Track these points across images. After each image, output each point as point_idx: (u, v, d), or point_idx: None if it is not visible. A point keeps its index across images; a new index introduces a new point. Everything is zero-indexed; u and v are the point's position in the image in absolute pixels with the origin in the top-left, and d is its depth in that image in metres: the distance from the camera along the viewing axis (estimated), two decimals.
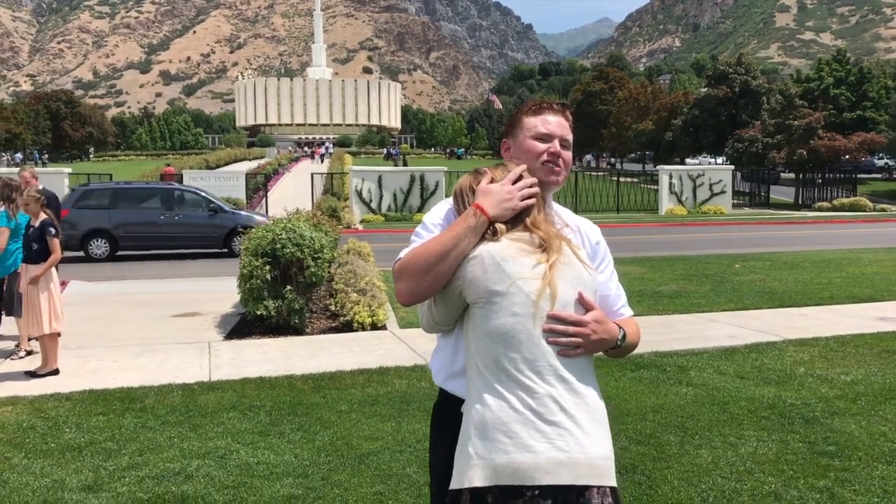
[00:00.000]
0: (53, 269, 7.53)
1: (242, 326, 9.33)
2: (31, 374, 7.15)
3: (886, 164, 66.18)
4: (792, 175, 48.87)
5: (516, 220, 2.13)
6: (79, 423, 5.61)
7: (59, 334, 7.51)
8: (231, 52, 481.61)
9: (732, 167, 42.14)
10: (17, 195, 8.14)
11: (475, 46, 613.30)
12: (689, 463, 4.69)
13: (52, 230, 7.46)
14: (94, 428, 5.51)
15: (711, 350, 7.84)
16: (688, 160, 68.17)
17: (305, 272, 9.10)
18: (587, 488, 1.99)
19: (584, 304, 2.10)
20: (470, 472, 2.02)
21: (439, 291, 2.14)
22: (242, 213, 20.95)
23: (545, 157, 2.28)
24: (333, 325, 9.39)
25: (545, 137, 2.29)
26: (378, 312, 9.26)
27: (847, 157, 45.78)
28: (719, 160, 63.68)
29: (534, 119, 2.33)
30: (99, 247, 18.85)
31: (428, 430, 5.28)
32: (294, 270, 9.09)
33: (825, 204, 40.83)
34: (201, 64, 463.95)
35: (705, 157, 72.20)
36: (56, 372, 7.23)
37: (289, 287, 8.93)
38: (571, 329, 2.05)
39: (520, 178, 2.19)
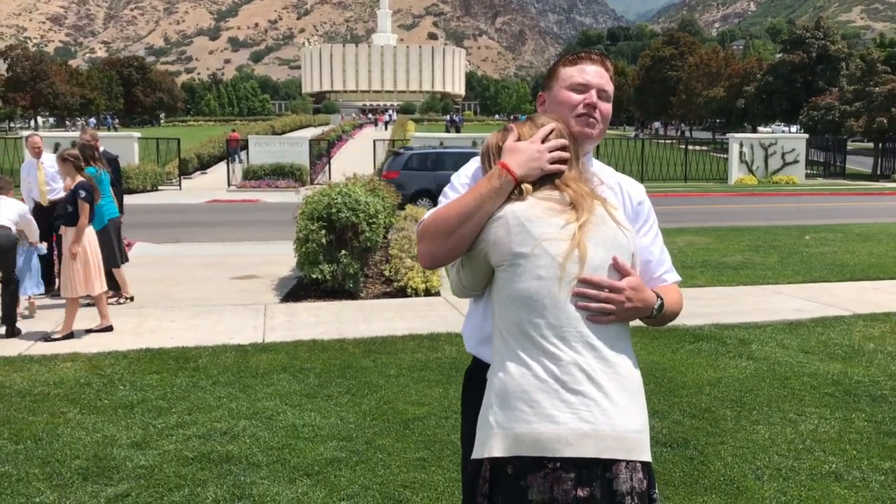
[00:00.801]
0: (91, 232, 7.45)
1: (298, 290, 9.38)
2: (47, 338, 7.08)
3: None
4: (870, 144, 46.94)
5: (544, 179, 2.00)
6: (133, 381, 5.70)
7: (100, 294, 7.44)
8: (298, 18, 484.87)
9: (807, 136, 40.63)
10: (98, 153, 8.63)
11: (542, 11, 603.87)
12: (745, 439, 4.51)
13: (83, 192, 7.28)
14: (147, 386, 5.60)
15: (775, 323, 7.55)
16: (760, 128, 66.12)
17: (360, 237, 9.08)
18: (614, 462, 1.87)
19: (618, 269, 1.95)
20: (490, 442, 1.92)
21: (465, 254, 2.02)
22: None
23: (581, 108, 2.13)
24: (387, 290, 9.37)
25: (581, 87, 2.14)
26: (432, 279, 9.20)
27: None
28: (793, 129, 61.58)
29: (570, 69, 2.18)
30: (425, 205, 20.22)
31: None
32: (349, 235, 9.07)
33: None
34: (269, 30, 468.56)
35: (778, 125, 69.96)
36: (71, 335, 7.13)
37: (343, 251, 8.93)
38: (603, 295, 1.91)
39: (551, 134, 2.05)
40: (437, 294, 9.11)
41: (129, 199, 23.46)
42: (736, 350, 6.54)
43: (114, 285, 8.86)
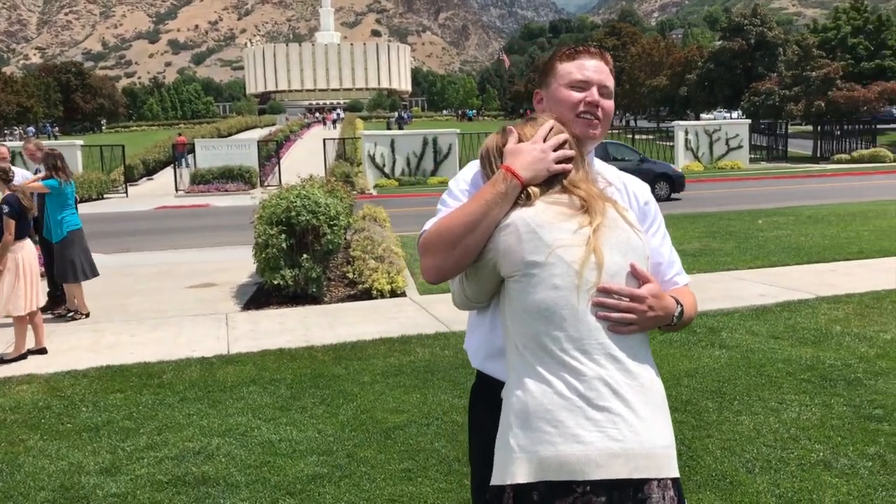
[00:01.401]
0: (27, 247, 7.02)
1: (259, 296, 9.16)
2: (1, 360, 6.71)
3: None
4: (809, 128, 48.04)
5: (552, 181, 1.89)
6: (95, 402, 5.46)
7: (31, 316, 6.97)
8: (238, 18, 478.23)
9: (749, 121, 41.37)
10: (61, 163, 8.40)
11: (484, 6, 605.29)
12: (731, 431, 4.48)
13: (6, 208, 6.87)
14: (112, 406, 5.37)
15: (742, 310, 7.60)
16: (703, 115, 67.17)
17: (322, 240, 8.90)
18: (645, 482, 1.76)
19: (637, 276, 1.85)
20: (512, 467, 1.80)
21: (471, 266, 1.91)
22: (661, 162, 24.96)
23: (582, 107, 2.01)
24: (352, 292, 9.20)
25: (581, 85, 2.02)
26: (397, 279, 9.06)
27: (865, 107, 44.81)
28: (735, 114, 62.69)
29: (568, 65, 2.06)
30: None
31: (456, 400, 5.11)
32: (310, 238, 8.88)
33: (844, 156, 40.06)
34: (209, 32, 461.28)
35: (721, 111, 71.15)
36: (25, 356, 6.78)
37: (305, 255, 8.74)
38: (624, 304, 1.80)
39: (551, 132, 1.94)
40: (403, 295, 8.97)
41: None
42: (707, 339, 6.55)
43: (61, 300, 8.61)
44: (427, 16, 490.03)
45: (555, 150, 1.90)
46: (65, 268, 8.31)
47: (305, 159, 37.48)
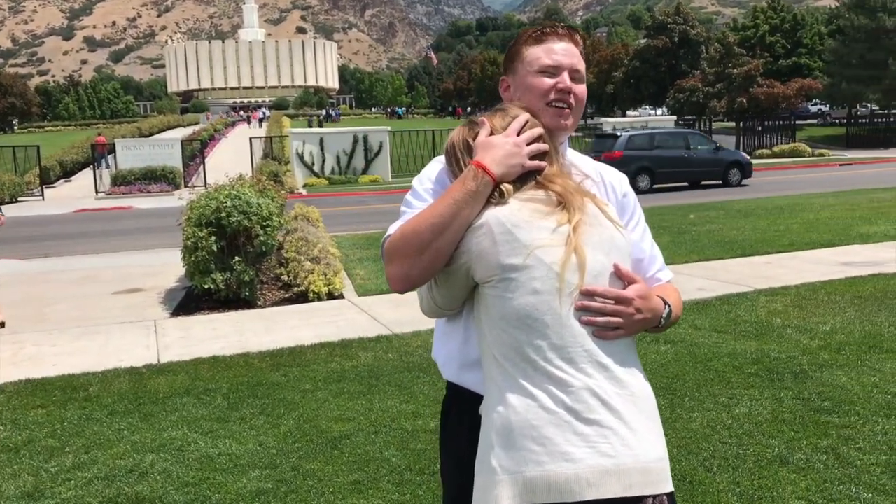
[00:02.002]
0: None
1: (189, 301, 8.79)
2: None
3: (820, 109, 67.38)
4: (731, 124, 49.36)
5: (525, 177, 1.73)
6: (14, 419, 5.08)
7: None
8: (158, 15, 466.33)
9: (674, 118, 42.31)
10: None
11: (411, 3, 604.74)
12: (684, 429, 4.41)
13: None
14: (33, 423, 5.00)
15: (683, 304, 7.59)
16: (629, 112, 68.42)
17: (254, 241, 8.59)
18: (640, 499, 1.63)
19: (622, 276, 1.71)
20: (496, 491, 1.63)
21: (441, 271, 1.74)
22: (734, 150, 25.53)
23: (553, 94, 1.85)
24: (287, 296, 8.91)
25: (551, 70, 1.86)
26: (334, 281, 8.81)
27: (785, 104, 46.30)
28: (660, 111, 64.04)
29: (536, 49, 1.89)
30: (643, 180, 22.16)
31: (403, 406, 4.92)
32: (242, 240, 8.57)
33: (766, 151, 41.28)
34: (128, 29, 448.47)
35: (646, 108, 72.59)
36: None
37: (237, 258, 8.41)
38: (610, 307, 1.66)
39: (525, 126, 1.78)
40: (341, 297, 8.73)
41: None
42: (651, 334, 6.49)
43: None
44: (353, 13, 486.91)
45: (528, 145, 1.74)
46: None
47: (231, 159, 36.66)
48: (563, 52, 1.89)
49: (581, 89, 1.90)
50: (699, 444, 4.19)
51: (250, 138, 35.78)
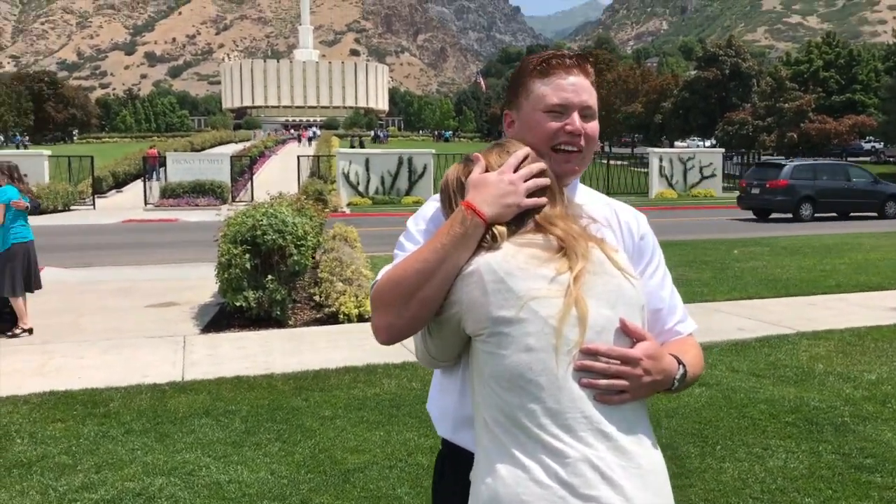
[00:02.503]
0: None
1: (221, 318, 8.77)
2: None
3: (874, 147, 65.88)
4: (781, 158, 48.51)
5: (523, 219, 1.58)
6: (32, 433, 5.06)
7: None
8: (217, 33, 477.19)
9: (723, 150, 41.67)
10: (17, 173, 8.44)
11: (463, 29, 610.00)
12: (714, 480, 4.19)
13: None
14: (50, 438, 4.96)
15: (721, 344, 7.35)
16: (677, 143, 67.73)
17: (288, 260, 8.55)
18: None
19: (629, 332, 1.54)
20: None
21: (433, 319, 1.59)
22: (892, 184, 25.35)
23: (561, 137, 1.68)
24: (318, 316, 8.84)
25: (559, 110, 1.69)
26: (365, 303, 8.70)
27: (837, 140, 45.39)
28: (708, 143, 63.27)
29: (542, 85, 1.71)
30: (806, 209, 22.92)
31: (422, 440, 4.76)
32: (276, 259, 8.53)
33: None
34: (187, 45, 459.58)
35: (694, 139, 71.81)
36: None
37: (270, 276, 8.37)
38: (613, 368, 1.49)
39: (524, 162, 1.63)
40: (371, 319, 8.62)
41: (38, 220, 22.22)
42: None
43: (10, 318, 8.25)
44: (406, 37, 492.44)
45: (527, 181, 1.59)
46: (2, 279, 8.05)
47: (279, 176, 37.02)
48: (572, 88, 1.71)
49: (593, 127, 1.73)
50: (729, 498, 3.97)
51: (298, 156, 36.14)
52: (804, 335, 7.71)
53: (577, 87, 1.72)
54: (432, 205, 1.76)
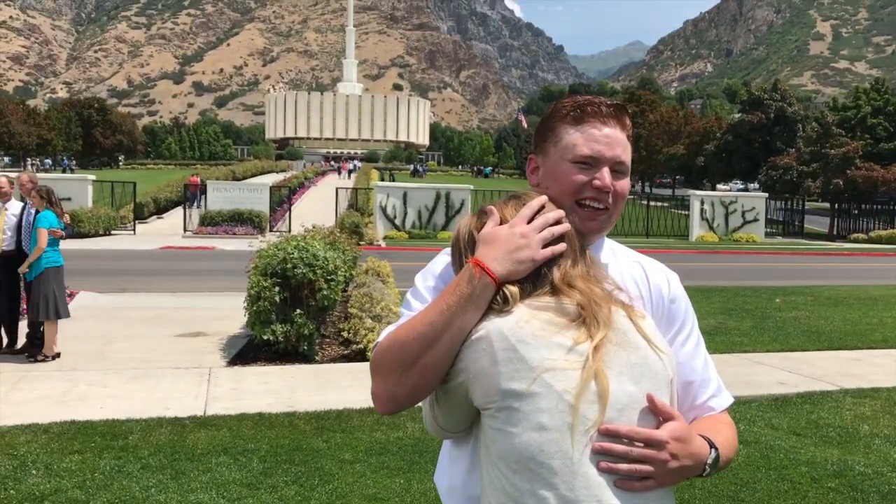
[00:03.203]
0: None
1: (248, 351, 8.69)
2: None
3: None
4: (825, 205, 47.70)
5: (539, 279, 1.42)
6: (49, 464, 4.97)
7: None
8: (264, 65, 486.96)
9: (766, 195, 41.09)
10: (54, 197, 8.54)
11: (506, 66, 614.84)
12: None
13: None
14: (65, 471, 4.87)
15: (760, 399, 7.06)
16: (719, 186, 67.04)
17: (317, 295, 8.46)
18: None
19: (656, 411, 1.37)
20: None
21: (440, 386, 1.44)
22: None
23: (587, 192, 1.54)
24: (345, 352, 8.71)
25: (589, 162, 1.54)
26: None
27: (884, 188, 44.48)
28: (751, 187, 62.53)
29: (573, 132, 1.57)
30: None
31: None
32: (305, 293, 8.45)
33: (861, 235, 39.66)
34: (234, 76, 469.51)
35: (737, 183, 71.02)
36: None
37: (298, 311, 8.28)
38: (636, 451, 1.33)
39: (540, 212, 1.48)
40: None
41: (79, 244, 22.57)
42: None
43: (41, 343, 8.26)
44: (449, 73, 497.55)
45: (542, 231, 1.44)
46: (37, 303, 8.06)
47: (318, 207, 37.32)
48: (605, 140, 1.56)
49: (623, 185, 1.58)
50: None
51: (336, 188, 36.41)
52: (849, 392, 7.39)
53: (612, 139, 1.57)
54: (443, 259, 1.61)
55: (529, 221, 1.45)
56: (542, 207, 1.48)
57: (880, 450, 5.64)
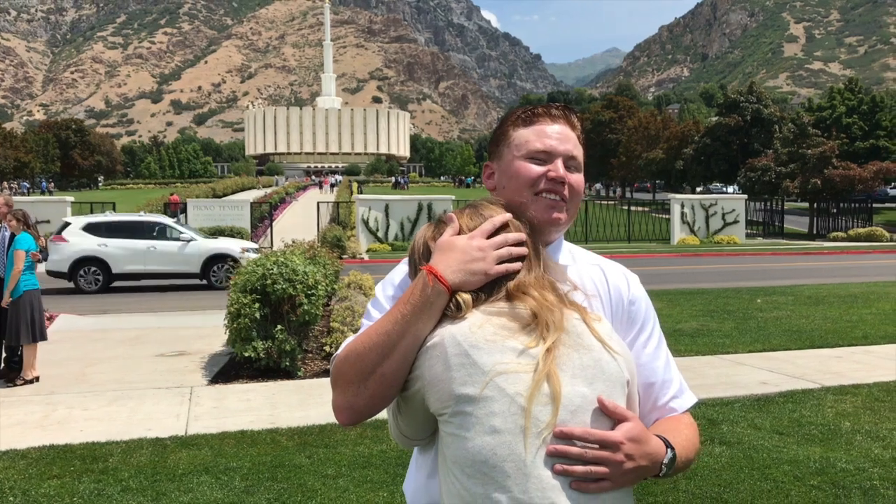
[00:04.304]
0: None
1: (230, 369, 8.62)
2: None
3: None
4: (804, 204, 48.11)
5: (493, 286, 1.42)
6: (26, 490, 4.90)
7: None
8: (242, 81, 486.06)
9: (745, 196, 41.40)
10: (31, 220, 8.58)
11: (484, 76, 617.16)
12: None
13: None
14: (43, 496, 4.80)
15: (743, 399, 7.09)
16: (699, 189, 67.47)
17: (298, 310, 8.42)
18: None
19: (609, 413, 1.36)
20: None
21: (400, 394, 1.44)
22: None
23: (542, 184, 1.56)
24: (328, 367, 8.63)
25: (542, 156, 1.58)
26: None
27: (861, 186, 44.91)
28: (730, 189, 62.99)
29: (525, 131, 1.61)
30: None
31: None
32: (286, 308, 8.41)
33: (840, 234, 40.02)
34: (212, 94, 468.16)
35: (717, 185, 71.49)
36: None
37: (279, 326, 8.24)
38: (591, 453, 1.31)
39: (503, 230, 1.48)
40: None
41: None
42: (706, 433, 6.02)
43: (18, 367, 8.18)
44: (428, 85, 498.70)
45: (499, 249, 1.44)
46: (17, 327, 7.99)
47: (300, 222, 37.24)
48: (557, 136, 1.60)
49: (577, 179, 1.60)
50: None
51: (318, 203, 36.34)
52: (830, 390, 7.43)
53: (563, 135, 1.61)
54: (402, 268, 1.62)
55: (490, 236, 1.45)
56: (506, 226, 1.48)
57: (861, 446, 5.67)
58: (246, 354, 8.17)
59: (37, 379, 8.09)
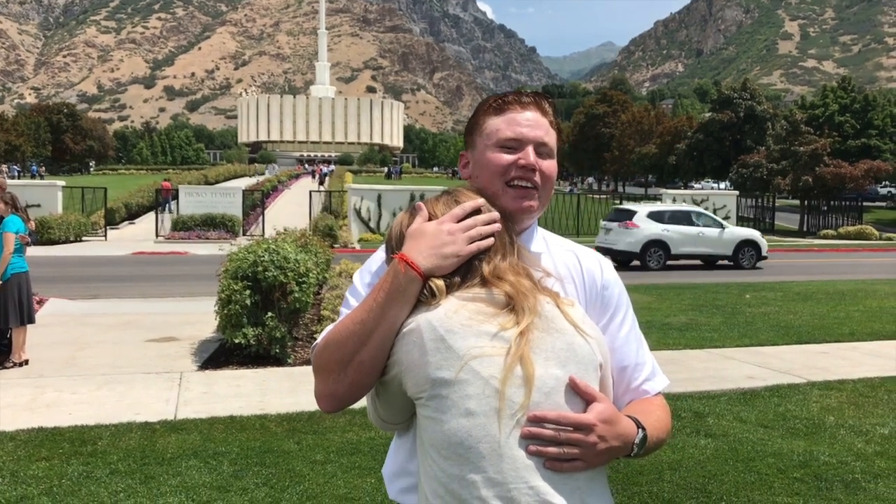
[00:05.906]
0: None
1: (220, 355, 8.64)
2: None
3: (890, 192, 65.64)
4: (796, 201, 48.30)
5: (468, 272, 1.44)
6: (15, 472, 4.91)
7: None
8: (235, 68, 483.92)
9: (737, 192, 41.52)
10: (19, 203, 8.52)
11: (479, 68, 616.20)
12: None
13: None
14: (32, 478, 4.82)
15: (729, 393, 7.15)
16: (691, 184, 67.63)
17: (289, 297, 8.43)
18: None
19: (581, 394, 1.39)
20: None
21: (378, 381, 1.47)
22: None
23: (514, 172, 1.58)
24: None
25: (512, 144, 1.59)
26: None
27: (852, 184, 45.08)
28: (722, 185, 63.18)
29: (495, 119, 1.63)
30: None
31: None
32: (277, 295, 8.42)
33: (830, 231, 40.16)
34: (205, 80, 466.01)
35: (708, 181, 71.69)
36: None
37: (270, 314, 8.25)
38: (564, 435, 1.34)
39: (474, 214, 1.50)
40: None
41: (49, 251, 22.32)
42: (692, 425, 6.08)
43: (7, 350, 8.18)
44: (422, 75, 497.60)
45: (470, 231, 1.46)
46: (6, 310, 7.98)
47: (292, 210, 37.13)
48: (527, 122, 1.61)
49: (549, 165, 1.62)
50: None
51: (310, 191, 36.25)
52: (815, 385, 7.51)
53: (533, 122, 1.62)
54: (380, 256, 1.64)
55: (461, 221, 1.48)
56: (478, 211, 1.50)
57: (845, 440, 5.74)
58: (236, 341, 8.18)
59: (26, 362, 8.09)
